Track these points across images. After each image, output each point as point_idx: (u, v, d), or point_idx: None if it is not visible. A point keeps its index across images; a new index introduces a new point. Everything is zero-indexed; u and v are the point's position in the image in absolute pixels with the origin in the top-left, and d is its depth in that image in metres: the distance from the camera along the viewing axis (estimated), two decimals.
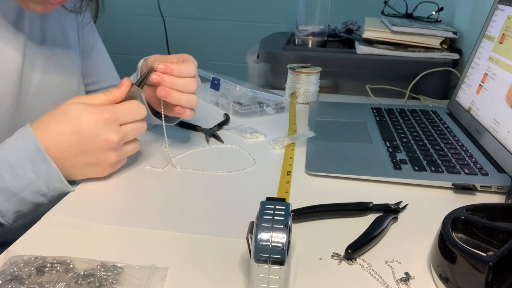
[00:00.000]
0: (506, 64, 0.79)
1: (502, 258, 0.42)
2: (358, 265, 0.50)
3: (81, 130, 0.58)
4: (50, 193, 0.60)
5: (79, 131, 0.58)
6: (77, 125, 0.58)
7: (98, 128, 0.59)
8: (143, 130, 0.65)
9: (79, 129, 0.58)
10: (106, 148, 0.60)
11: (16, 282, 0.44)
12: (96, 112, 0.59)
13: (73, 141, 0.59)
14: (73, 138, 0.59)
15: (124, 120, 0.61)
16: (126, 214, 0.58)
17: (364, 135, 0.84)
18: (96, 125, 0.59)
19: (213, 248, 0.52)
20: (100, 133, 0.59)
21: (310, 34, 1.23)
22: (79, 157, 0.60)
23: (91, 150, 0.60)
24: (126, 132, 0.62)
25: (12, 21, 0.71)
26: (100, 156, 0.61)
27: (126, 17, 2.38)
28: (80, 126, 0.58)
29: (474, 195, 0.66)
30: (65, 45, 0.82)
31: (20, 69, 0.71)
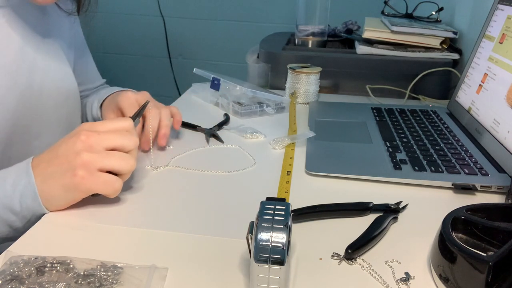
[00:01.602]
0: (506, 64, 0.79)
1: (502, 258, 0.42)
2: (358, 265, 0.50)
3: (58, 144, 0.56)
4: (22, 212, 0.56)
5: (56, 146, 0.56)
6: (57, 145, 0.56)
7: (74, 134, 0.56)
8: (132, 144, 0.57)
9: (63, 139, 0.57)
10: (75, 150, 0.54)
11: (16, 282, 0.44)
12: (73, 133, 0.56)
13: (53, 147, 0.57)
14: (54, 145, 0.57)
15: (102, 127, 0.57)
16: (126, 214, 0.58)
17: (364, 135, 0.84)
18: (75, 132, 0.56)
19: (213, 248, 0.52)
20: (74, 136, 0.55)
21: (310, 34, 1.23)
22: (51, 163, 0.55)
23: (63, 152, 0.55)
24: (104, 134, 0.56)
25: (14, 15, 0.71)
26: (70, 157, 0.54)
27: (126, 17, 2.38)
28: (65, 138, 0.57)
29: (474, 195, 0.66)
30: (63, 45, 0.82)
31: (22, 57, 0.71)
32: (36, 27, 0.75)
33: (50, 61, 0.77)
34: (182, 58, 2.43)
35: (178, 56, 2.43)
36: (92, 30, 1.99)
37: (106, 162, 0.55)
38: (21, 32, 0.72)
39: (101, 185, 0.55)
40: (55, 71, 0.78)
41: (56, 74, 0.78)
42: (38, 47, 0.75)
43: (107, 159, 0.55)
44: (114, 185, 0.56)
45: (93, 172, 0.54)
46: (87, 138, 0.54)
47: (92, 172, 0.54)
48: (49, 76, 0.77)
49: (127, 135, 0.57)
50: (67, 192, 0.55)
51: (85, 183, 0.54)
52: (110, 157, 0.55)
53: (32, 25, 0.74)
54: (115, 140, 0.56)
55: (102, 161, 0.54)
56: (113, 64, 2.42)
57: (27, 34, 0.73)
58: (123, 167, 0.56)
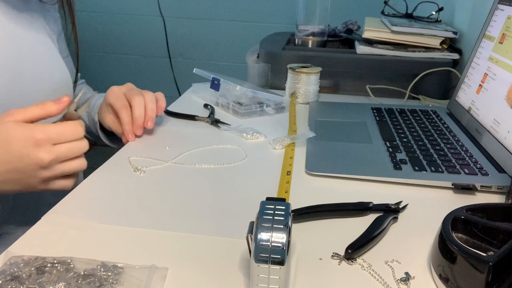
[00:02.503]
0: (506, 64, 0.79)
1: (502, 258, 0.42)
2: (358, 265, 0.50)
3: (11, 150, 0.58)
4: None
5: (9, 151, 0.58)
6: (7, 145, 0.58)
7: (27, 148, 0.58)
8: (83, 149, 0.63)
9: (9, 149, 0.58)
10: (36, 167, 0.59)
11: (16, 282, 0.44)
12: (27, 132, 0.58)
13: (3, 159, 0.59)
14: (3, 156, 0.58)
15: (57, 140, 0.60)
16: (126, 214, 0.58)
17: (364, 135, 0.84)
18: (26, 144, 0.58)
19: (213, 248, 0.52)
20: (30, 153, 0.58)
21: (310, 34, 1.23)
22: (9, 174, 0.59)
23: (21, 168, 0.59)
24: (60, 152, 0.60)
25: None
26: (31, 174, 0.60)
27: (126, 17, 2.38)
28: (10, 146, 0.58)
29: (474, 195, 0.66)
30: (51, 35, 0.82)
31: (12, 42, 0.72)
32: (22, 15, 0.76)
33: (39, 49, 0.78)
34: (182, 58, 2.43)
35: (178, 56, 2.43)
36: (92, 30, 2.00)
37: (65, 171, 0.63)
38: (7, 20, 0.72)
39: (60, 185, 0.64)
40: (45, 58, 0.78)
41: (46, 62, 0.78)
42: (27, 33, 0.75)
43: (65, 169, 0.62)
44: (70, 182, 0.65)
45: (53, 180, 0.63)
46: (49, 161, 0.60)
47: (50, 183, 0.63)
48: (40, 63, 0.77)
49: (80, 147, 0.63)
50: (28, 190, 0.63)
51: (48, 187, 0.63)
52: (67, 167, 0.63)
53: (18, 13, 0.75)
54: (70, 155, 0.62)
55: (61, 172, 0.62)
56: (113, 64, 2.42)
57: (14, 22, 0.73)
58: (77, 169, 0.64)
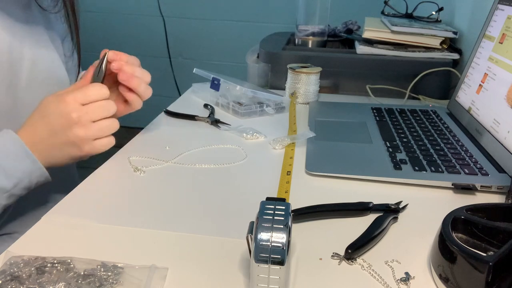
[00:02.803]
0: (506, 64, 0.79)
1: (502, 258, 0.42)
2: (358, 265, 0.50)
3: (48, 114, 0.65)
4: (33, 186, 0.66)
5: (47, 115, 0.66)
6: (45, 110, 0.66)
7: (60, 108, 0.65)
8: (111, 108, 0.67)
9: (47, 113, 0.66)
10: (69, 124, 0.64)
11: (16, 282, 0.44)
12: (59, 97, 0.66)
13: (43, 124, 0.65)
14: (43, 121, 0.65)
15: (84, 99, 0.65)
16: (126, 214, 0.58)
17: (364, 135, 0.84)
18: (58, 106, 0.65)
19: (213, 248, 0.52)
20: (62, 111, 0.65)
21: (310, 34, 1.23)
22: (52, 138, 0.65)
23: (59, 129, 0.65)
24: (88, 110, 0.65)
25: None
26: (68, 133, 0.65)
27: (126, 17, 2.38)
28: (48, 110, 0.66)
29: (474, 195, 0.66)
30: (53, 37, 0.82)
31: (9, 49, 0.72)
32: (21, 20, 0.75)
33: (38, 51, 0.77)
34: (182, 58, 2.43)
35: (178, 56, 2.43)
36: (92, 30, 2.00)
37: (101, 133, 0.67)
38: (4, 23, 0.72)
39: (101, 147, 0.68)
40: (44, 61, 0.78)
41: (45, 64, 0.78)
42: (25, 38, 0.75)
43: (101, 131, 0.66)
44: (110, 142, 0.68)
45: (92, 142, 0.66)
46: (79, 119, 0.64)
47: (91, 142, 0.66)
48: (38, 65, 0.77)
49: (107, 105, 0.67)
50: (73, 159, 0.68)
51: (89, 151, 0.67)
52: (102, 129, 0.67)
53: (16, 18, 0.75)
54: (100, 112, 0.66)
55: (97, 134, 0.66)
56: None
57: (12, 26, 0.73)
58: (112, 130, 0.68)
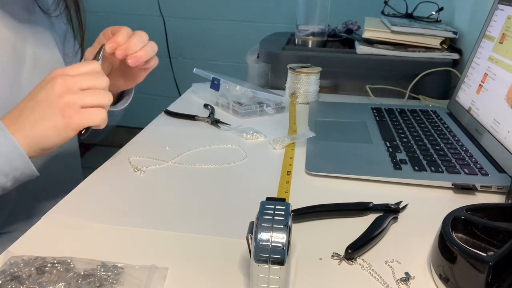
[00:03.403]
0: (506, 64, 0.79)
1: (502, 258, 0.42)
2: (358, 265, 0.50)
3: (34, 89, 0.61)
4: (12, 173, 0.59)
5: (32, 91, 0.61)
6: (33, 89, 0.61)
7: (45, 79, 0.61)
8: (102, 81, 0.62)
9: (33, 90, 0.61)
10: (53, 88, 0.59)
11: (16, 282, 0.44)
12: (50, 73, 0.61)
13: (27, 98, 0.61)
14: (27, 96, 0.61)
15: (72, 70, 0.61)
16: (126, 214, 0.58)
17: (364, 135, 0.84)
18: (45, 79, 0.61)
19: (213, 248, 0.52)
20: (46, 81, 0.60)
21: (310, 34, 1.23)
22: (34, 108, 0.59)
23: (42, 97, 0.59)
24: (77, 78, 0.60)
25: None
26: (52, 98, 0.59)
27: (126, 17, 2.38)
28: (35, 88, 0.61)
29: (474, 195, 0.66)
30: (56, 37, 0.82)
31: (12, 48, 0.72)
32: (23, 19, 0.76)
33: (41, 51, 0.77)
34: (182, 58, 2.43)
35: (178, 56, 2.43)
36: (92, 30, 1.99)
37: (88, 99, 0.60)
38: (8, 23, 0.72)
39: (89, 118, 0.60)
40: (46, 59, 0.78)
41: (47, 62, 0.78)
42: (28, 39, 0.75)
43: (88, 97, 0.60)
44: (101, 114, 0.61)
45: (78, 110, 0.60)
46: (64, 82, 0.59)
47: (78, 110, 0.59)
48: (40, 64, 0.77)
49: (98, 76, 0.62)
50: (59, 132, 0.60)
51: (75, 121, 0.59)
52: (90, 95, 0.61)
53: (19, 18, 0.75)
54: (88, 81, 0.61)
55: (83, 99, 0.60)
56: None
57: (16, 27, 0.73)
58: (102, 101, 0.62)
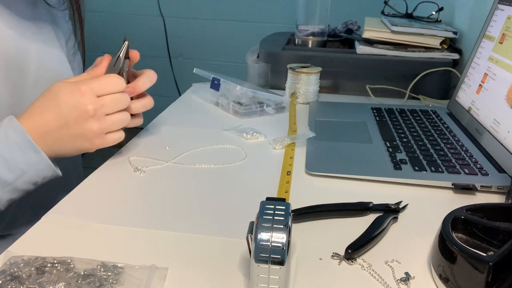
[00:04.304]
0: (506, 64, 0.79)
1: (502, 258, 0.42)
2: (358, 265, 0.50)
3: (61, 103, 0.62)
4: (40, 181, 0.63)
5: (59, 105, 0.62)
6: (57, 99, 0.62)
7: (74, 98, 0.62)
8: (126, 101, 0.66)
9: (59, 102, 0.62)
10: (84, 117, 0.62)
11: (16, 282, 0.44)
12: (72, 85, 0.63)
13: (55, 114, 0.62)
14: (54, 111, 0.62)
15: (100, 91, 0.63)
16: (126, 214, 0.58)
17: (364, 135, 0.84)
18: (72, 96, 0.62)
19: (213, 248, 0.52)
20: (77, 103, 0.62)
21: (310, 34, 1.23)
22: (63, 129, 0.62)
23: (72, 122, 0.62)
24: (104, 102, 0.63)
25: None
26: (82, 126, 0.63)
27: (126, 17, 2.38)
28: (60, 100, 0.62)
29: (474, 195, 0.66)
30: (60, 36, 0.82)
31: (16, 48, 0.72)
32: (28, 19, 0.75)
33: (45, 50, 0.77)
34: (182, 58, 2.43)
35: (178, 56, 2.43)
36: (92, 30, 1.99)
37: (113, 126, 0.65)
38: (12, 24, 0.72)
39: (111, 142, 0.66)
40: (51, 60, 0.78)
41: (51, 63, 0.78)
42: (32, 36, 0.75)
43: (113, 124, 0.65)
44: (120, 136, 0.67)
45: (103, 136, 0.65)
46: (94, 110, 0.62)
47: (102, 136, 0.65)
48: (45, 64, 0.77)
49: (122, 98, 0.65)
50: (80, 151, 0.66)
51: (98, 144, 0.65)
52: (115, 122, 0.65)
53: (23, 16, 0.75)
54: (115, 106, 0.65)
55: (109, 127, 0.65)
56: None
57: (19, 24, 0.73)
58: (123, 124, 0.67)
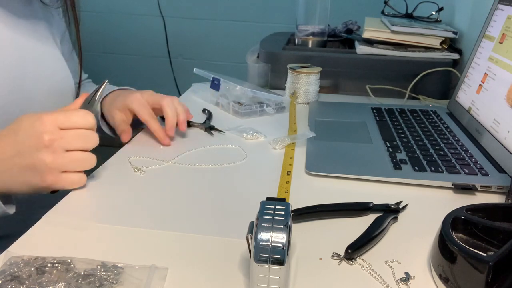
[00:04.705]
0: (506, 64, 0.79)
1: (502, 258, 0.42)
2: (358, 265, 0.50)
3: (19, 130, 0.58)
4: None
5: (17, 131, 0.58)
6: (17, 126, 0.59)
7: (33, 126, 0.58)
8: (93, 140, 0.60)
9: (18, 129, 0.58)
10: (38, 146, 0.57)
11: (16, 282, 0.44)
12: (37, 115, 0.59)
13: (10, 141, 0.58)
14: (10, 138, 0.58)
15: (63, 123, 0.59)
16: (126, 214, 0.58)
17: (364, 135, 0.84)
18: (32, 124, 0.58)
19: (213, 248, 0.52)
20: (34, 131, 0.58)
21: (310, 34, 1.23)
22: (15, 158, 0.58)
23: (25, 149, 0.57)
24: (65, 136, 0.58)
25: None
26: (34, 155, 0.57)
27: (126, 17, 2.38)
28: (20, 127, 0.58)
29: (474, 195, 0.66)
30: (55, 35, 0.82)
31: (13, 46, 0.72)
32: (24, 17, 0.76)
33: (42, 50, 0.77)
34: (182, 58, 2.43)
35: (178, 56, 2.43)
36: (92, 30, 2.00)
37: (70, 166, 0.59)
38: (9, 23, 0.72)
39: (67, 184, 0.60)
40: (48, 60, 0.78)
41: (49, 63, 0.78)
42: (28, 36, 0.75)
43: (71, 163, 0.59)
44: (79, 180, 0.61)
45: (58, 175, 0.59)
46: (50, 140, 0.57)
47: (58, 175, 0.59)
48: (42, 65, 0.77)
49: (88, 136, 0.60)
50: (33, 189, 0.59)
51: (52, 185, 0.59)
52: (72, 159, 0.59)
53: (20, 16, 0.75)
54: (77, 142, 0.59)
55: (66, 166, 0.59)
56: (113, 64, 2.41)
57: (16, 24, 0.73)
58: (84, 166, 0.61)
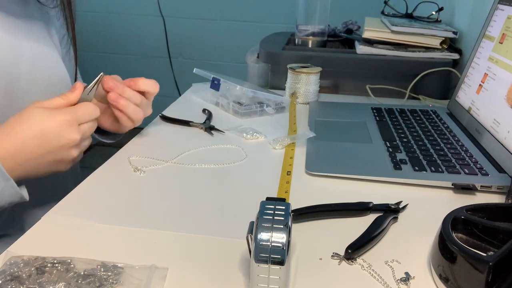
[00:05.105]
0: (506, 64, 0.79)
1: (502, 258, 0.42)
2: (358, 265, 0.50)
3: (46, 132, 0.63)
4: (6, 205, 0.63)
5: (45, 133, 0.63)
6: (42, 127, 0.63)
7: (62, 128, 0.63)
8: (95, 128, 0.70)
9: (45, 131, 0.63)
10: (70, 146, 0.65)
11: (16, 282, 0.44)
12: (58, 115, 0.64)
13: (40, 142, 0.62)
14: (40, 139, 0.62)
15: (82, 120, 0.66)
16: (126, 214, 0.58)
17: (364, 135, 0.84)
18: (59, 125, 0.63)
19: (213, 248, 0.52)
20: (64, 133, 0.63)
21: (310, 34, 1.23)
22: (46, 156, 0.63)
23: (57, 149, 0.64)
24: (85, 131, 0.67)
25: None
26: (65, 153, 0.65)
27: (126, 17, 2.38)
28: (46, 128, 0.63)
29: (474, 195, 0.66)
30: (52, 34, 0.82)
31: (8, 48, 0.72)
32: (20, 18, 0.75)
33: (38, 49, 0.77)
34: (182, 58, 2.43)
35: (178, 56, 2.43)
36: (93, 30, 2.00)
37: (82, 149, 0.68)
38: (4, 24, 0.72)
39: (74, 163, 0.69)
40: (45, 59, 0.78)
41: (45, 63, 0.78)
42: (24, 37, 0.75)
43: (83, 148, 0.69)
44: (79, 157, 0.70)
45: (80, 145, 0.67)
46: (80, 139, 0.65)
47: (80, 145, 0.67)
48: (38, 64, 0.77)
49: (95, 125, 0.69)
50: (53, 173, 0.67)
51: (67, 167, 0.67)
52: (86, 145, 0.69)
53: (16, 17, 0.74)
54: (89, 133, 0.68)
55: (81, 152, 0.68)
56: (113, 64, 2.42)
57: (11, 24, 0.73)
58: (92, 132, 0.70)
